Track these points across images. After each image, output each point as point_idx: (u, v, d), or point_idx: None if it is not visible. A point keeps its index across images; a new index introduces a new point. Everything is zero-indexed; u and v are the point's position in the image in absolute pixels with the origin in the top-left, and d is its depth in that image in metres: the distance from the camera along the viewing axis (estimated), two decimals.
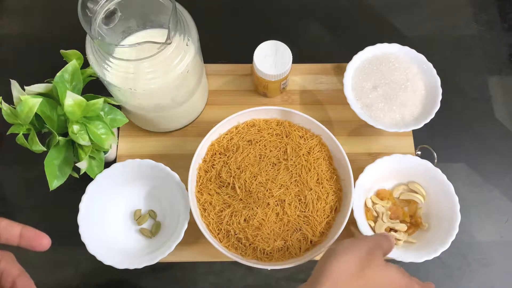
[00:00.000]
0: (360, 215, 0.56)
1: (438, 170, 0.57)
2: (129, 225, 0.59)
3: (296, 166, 0.57)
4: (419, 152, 0.64)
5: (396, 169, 0.59)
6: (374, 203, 0.59)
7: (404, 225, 0.57)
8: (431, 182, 0.58)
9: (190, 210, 0.54)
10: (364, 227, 0.55)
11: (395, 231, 0.57)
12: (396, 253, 0.54)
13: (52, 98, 0.52)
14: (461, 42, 0.73)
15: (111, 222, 0.58)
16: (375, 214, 0.58)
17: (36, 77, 0.56)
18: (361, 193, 0.57)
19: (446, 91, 0.61)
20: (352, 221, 0.55)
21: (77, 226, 0.54)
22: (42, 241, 0.35)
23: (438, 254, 0.53)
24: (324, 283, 0.36)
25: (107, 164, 0.58)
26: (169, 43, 0.47)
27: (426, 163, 0.57)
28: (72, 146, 0.54)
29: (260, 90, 0.66)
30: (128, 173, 0.58)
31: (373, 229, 0.57)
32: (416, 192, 0.59)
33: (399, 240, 0.56)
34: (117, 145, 0.64)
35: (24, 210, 0.62)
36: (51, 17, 0.74)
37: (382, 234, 0.43)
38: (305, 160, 0.58)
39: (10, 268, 0.34)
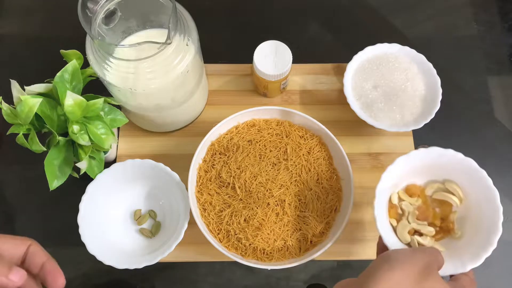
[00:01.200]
0: (382, 212, 0.47)
1: (484, 172, 0.48)
2: (129, 225, 0.59)
3: (296, 166, 0.57)
4: None
5: (433, 164, 0.50)
6: (400, 199, 0.50)
7: (432, 229, 0.48)
8: (473, 184, 0.48)
9: (190, 210, 0.54)
10: (384, 226, 0.47)
11: (420, 234, 0.48)
12: None
13: (52, 98, 0.52)
14: (461, 42, 0.73)
15: (111, 222, 0.58)
16: (400, 212, 0.50)
17: (36, 77, 0.56)
18: (387, 187, 0.48)
19: (446, 91, 0.61)
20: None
21: (77, 226, 0.54)
22: (57, 280, 0.36)
23: (466, 270, 0.43)
24: None
25: (107, 164, 0.58)
26: (169, 43, 0.47)
27: (470, 162, 0.48)
28: (72, 146, 0.54)
29: (260, 90, 0.66)
30: (128, 173, 0.58)
31: (394, 229, 0.49)
32: (452, 193, 0.50)
33: (423, 246, 0.47)
34: (117, 145, 0.64)
35: (24, 210, 0.62)
36: (51, 17, 0.74)
37: (435, 249, 0.40)
38: (305, 160, 0.58)
39: (39, 252, 0.37)
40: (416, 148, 0.64)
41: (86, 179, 0.56)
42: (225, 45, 0.72)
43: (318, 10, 0.75)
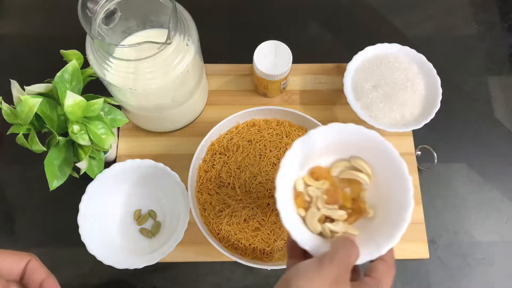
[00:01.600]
0: (287, 203, 0.41)
1: (389, 144, 0.43)
2: (129, 225, 0.59)
3: None
4: (419, 152, 0.64)
5: (336, 142, 0.44)
6: (307, 185, 0.44)
7: (343, 213, 0.42)
8: (380, 158, 0.43)
9: (190, 210, 0.54)
10: (291, 219, 0.40)
11: (332, 220, 0.42)
12: None
13: (52, 98, 0.52)
14: (461, 42, 0.73)
15: (111, 222, 0.58)
16: (307, 199, 0.43)
17: (36, 77, 0.56)
18: (289, 174, 0.42)
19: (446, 91, 0.61)
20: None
21: (77, 226, 0.54)
22: None
23: (383, 252, 0.37)
24: None
25: (107, 164, 0.58)
26: (169, 43, 0.47)
27: (374, 134, 0.43)
28: (72, 146, 0.54)
29: (260, 90, 0.66)
30: (128, 173, 0.58)
31: (304, 219, 0.42)
32: (359, 170, 0.44)
33: (336, 233, 0.41)
34: (117, 145, 0.64)
35: (24, 210, 0.62)
36: (51, 17, 0.74)
37: (347, 240, 0.36)
38: None
39: (38, 269, 0.36)
40: (416, 150, 0.64)
41: (86, 179, 0.56)
42: (225, 45, 0.72)
43: (318, 10, 0.75)
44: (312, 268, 0.33)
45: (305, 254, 0.38)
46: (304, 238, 0.39)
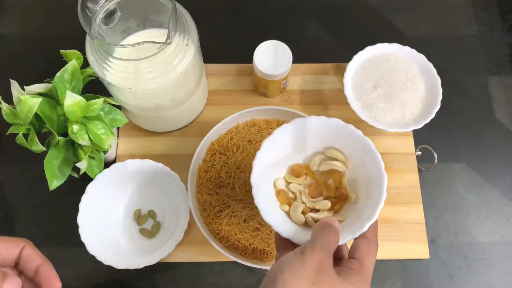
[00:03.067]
0: (267, 201, 0.43)
1: (351, 126, 0.45)
2: (129, 225, 0.59)
3: None
4: (419, 152, 0.64)
5: (306, 137, 0.46)
6: (288, 183, 0.46)
7: (326, 202, 0.44)
8: (348, 142, 0.45)
9: (190, 210, 0.54)
10: (274, 215, 0.42)
11: (317, 211, 0.44)
12: None
13: (52, 98, 0.52)
14: (461, 42, 0.73)
15: (111, 222, 0.58)
16: (291, 195, 0.45)
17: (36, 77, 0.56)
18: (264, 174, 0.43)
19: (446, 91, 0.61)
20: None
21: (77, 226, 0.54)
22: (53, 285, 0.35)
23: (365, 229, 0.39)
24: None
25: (107, 164, 0.58)
26: (169, 43, 0.47)
27: (336, 121, 0.45)
28: (72, 146, 0.54)
29: (260, 90, 0.66)
30: (128, 173, 0.58)
31: (287, 213, 0.44)
32: (335, 159, 0.46)
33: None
34: (117, 145, 0.64)
35: (24, 210, 0.62)
36: (51, 17, 0.74)
37: (324, 226, 0.36)
38: None
39: (33, 255, 0.35)
40: (416, 150, 0.64)
41: (86, 179, 0.56)
42: (225, 45, 0.72)
43: (318, 10, 0.75)
44: (294, 259, 0.34)
45: (293, 246, 0.39)
46: (287, 229, 0.41)
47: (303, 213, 0.44)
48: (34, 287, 0.36)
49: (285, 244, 0.40)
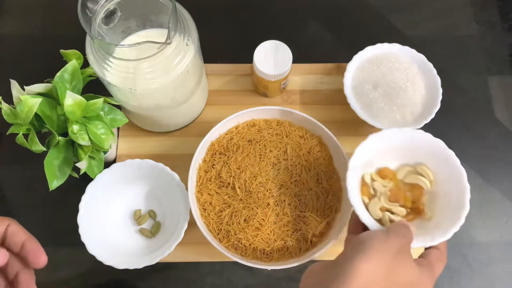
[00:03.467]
0: (354, 187, 0.47)
1: (452, 152, 0.49)
2: (129, 225, 0.59)
3: (296, 166, 0.57)
4: None
5: (404, 146, 0.50)
6: (373, 180, 0.50)
7: (403, 210, 0.48)
8: (442, 165, 0.49)
9: (190, 210, 0.54)
10: (356, 200, 0.47)
11: (392, 213, 0.48)
12: None
13: (52, 98, 0.52)
14: (461, 42, 0.73)
15: (111, 222, 0.58)
16: (372, 192, 0.50)
17: (36, 77, 0.56)
18: (360, 165, 0.49)
19: (446, 91, 0.61)
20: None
21: (77, 226, 0.54)
22: (39, 258, 0.36)
23: (435, 243, 0.43)
24: (352, 283, 0.33)
25: (107, 164, 0.58)
26: (169, 43, 0.47)
27: (439, 143, 0.49)
28: (72, 146, 0.54)
29: (260, 90, 0.66)
30: (128, 173, 0.58)
31: (366, 206, 0.48)
32: (423, 176, 0.50)
33: (393, 222, 0.47)
34: (117, 145, 0.64)
35: (24, 210, 0.62)
36: (51, 17, 0.74)
37: (402, 223, 0.40)
38: (305, 160, 0.58)
39: (18, 231, 0.36)
40: None
41: (86, 179, 0.56)
42: (225, 45, 0.72)
43: (318, 10, 0.75)
44: (382, 236, 0.38)
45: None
46: (365, 217, 0.45)
47: (381, 210, 0.48)
48: (20, 263, 0.37)
49: (358, 230, 0.44)
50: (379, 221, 0.47)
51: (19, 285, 0.36)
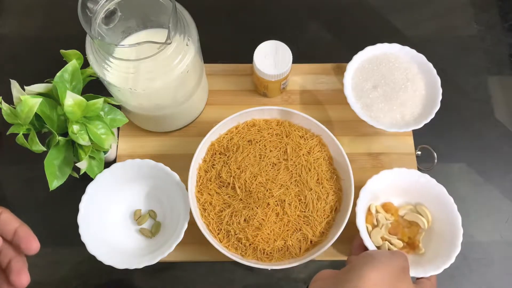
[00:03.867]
0: (361, 214, 0.55)
1: (451, 199, 0.55)
2: (129, 225, 0.59)
3: (296, 166, 0.57)
4: (419, 152, 0.64)
5: (409, 187, 0.57)
6: (377, 212, 0.57)
7: (400, 242, 0.55)
8: (440, 208, 0.56)
9: (190, 210, 0.54)
10: (362, 226, 0.54)
11: (390, 243, 0.55)
12: None
13: (52, 98, 0.52)
14: (461, 42, 0.73)
15: (111, 222, 0.58)
16: (375, 222, 0.56)
17: (36, 77, 0.56)
18: (368, 195, 0.56)
19: (446, 91, 0.61)
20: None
21: (77, 226, 0.54)
22: (31, 244, 0.36)
23: (427, 275, 0.51)
24: (363, 286, 0.37)
25: (107, 164, 0.58)
26: (169, 43, 0.47)
27: (441, 188, 0.56)
28: (72, 146, 0.54)
29: (260, 90, 0.66)
30: (128, 173, 0.58)
31: (369, 233, 0.55)
32: (421, 215, 0.57)
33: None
34: (117, 145, 0.64)
35: (24, 210, 0.62)
36: (51, 17, 0.74)
37: (405, 254, 0.43)
38: (305, 160, 0.58)
39: (10, 219, 0.37)
40: (416, 150, 0.64)
41: (86, 179, 0.56)
42: (225, 45, 0.72)
43: (318, 10, 0.75)
44: (388, 254, 0.41)
45: None
46: (368, 241, 0.53)
47: (382, 239, 0.55)
48: (13, 250, 0.37)
49: (360, 252, 0.48)
50: (379, 248, 0.54)
51: (12, 272, 0.36)
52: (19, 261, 0.37)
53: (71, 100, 0.49)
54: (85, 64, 0.53)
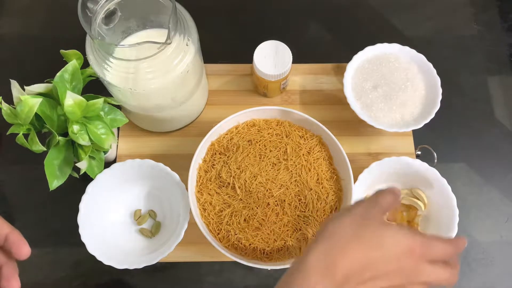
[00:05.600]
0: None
1: (444, 181, 0.56)
2: (129, 225, 0.59)
3: (296, 166, 0.57)
4: (419, 152, 0.64)
5: (402, 173, 0.58)
6: None
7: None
8: (435, 191, 0.57)
9: (190, 210, 0.54)
10: None
11: None
12: None
13: (52, 98, 0.52)
14: (461, 42, 0.73)
15: (111, 222, 0.58)
16: None
17: (36, 77, 0.56)
18: (363, 188, 0.57)
19: (446, 91, 0.61)
20: None
21: (77, 226, 0.54)
22: (22, 250, 0.36)
23: None
24: (320, 243, 0.37)
25: (107, 164, 0.58)
26: (169, 43, 0.47)
27: (435, 172, 0.57)
28: (72, 146, 0.54)
29: (260, 90, 0.66)
30: (128, 173, 0.58)
31: None
32: (418, 199, 0.58)
33: None
34: (117, 145, 0.64)
35: (24, 210, 0.62)
36: (51, 17, 0.74)
37: (380, 190, 0.40)
38: (305, 160, 0.58)
39: (1, 225, 0.37)
40: (416, 150, 0.64)
41: (86, 179, 0.56)
42: (225, 45, 0.72)
43: (318, 10, 0.75)
44: (344, 211, 0.40)
45: None
46: None
47: None
48: (3, 256, 0.37)
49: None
50: None
51: (2, 278, 0.36)
52: (10, 267, 0.37)
53: (71, 100, 0.49)
54: (85, 64, 0.53)
